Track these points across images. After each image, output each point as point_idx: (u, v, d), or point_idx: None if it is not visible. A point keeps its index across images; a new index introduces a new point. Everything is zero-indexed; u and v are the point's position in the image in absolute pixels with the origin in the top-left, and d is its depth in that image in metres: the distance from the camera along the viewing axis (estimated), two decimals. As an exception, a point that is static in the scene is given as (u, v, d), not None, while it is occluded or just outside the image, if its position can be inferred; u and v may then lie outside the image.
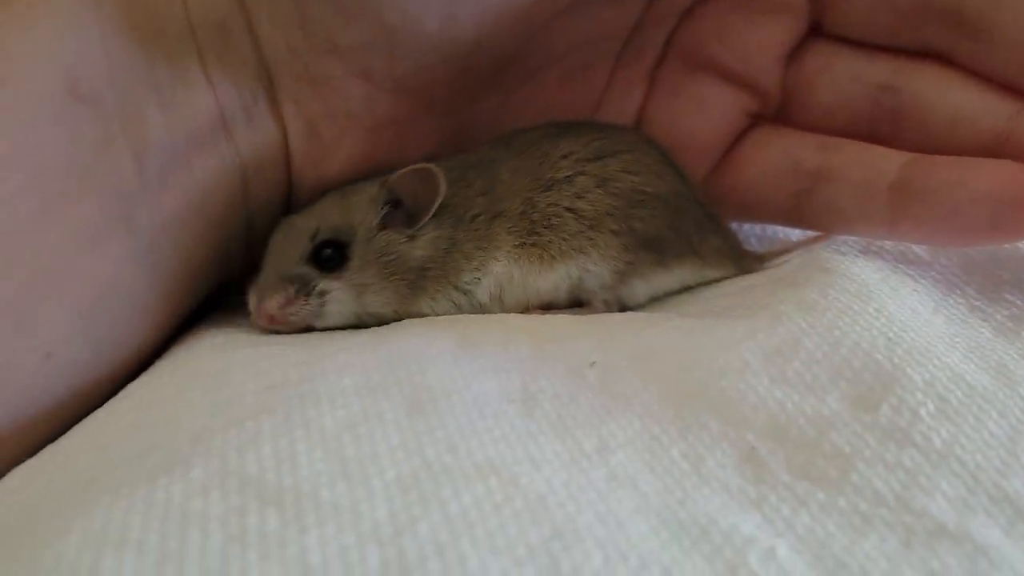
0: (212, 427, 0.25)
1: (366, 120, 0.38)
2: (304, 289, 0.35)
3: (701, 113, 0.42)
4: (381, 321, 0.36)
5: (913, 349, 0.31)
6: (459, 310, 0.36)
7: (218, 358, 0.32)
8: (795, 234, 0.44)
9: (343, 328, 0.36)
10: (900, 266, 0.38)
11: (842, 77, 0.40)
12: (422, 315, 0.36)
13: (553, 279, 0.36)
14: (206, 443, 0.24)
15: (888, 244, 0.40)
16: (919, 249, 0.39)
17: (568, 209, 0.36)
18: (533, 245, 0.36)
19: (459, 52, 0.36)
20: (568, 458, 0.26)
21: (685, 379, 0.30)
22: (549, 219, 0.36)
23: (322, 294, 0.35)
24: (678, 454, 0.27)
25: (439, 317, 0.36)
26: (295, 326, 0.35)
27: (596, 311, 0.37)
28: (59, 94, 0.31)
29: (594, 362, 0.31)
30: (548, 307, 0.37)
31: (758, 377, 0.30)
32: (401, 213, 0.36)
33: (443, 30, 0.35)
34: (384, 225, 0.36)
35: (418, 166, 0.35)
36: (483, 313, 0.37)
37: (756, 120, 0.42)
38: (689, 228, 0.37)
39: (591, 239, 0.36)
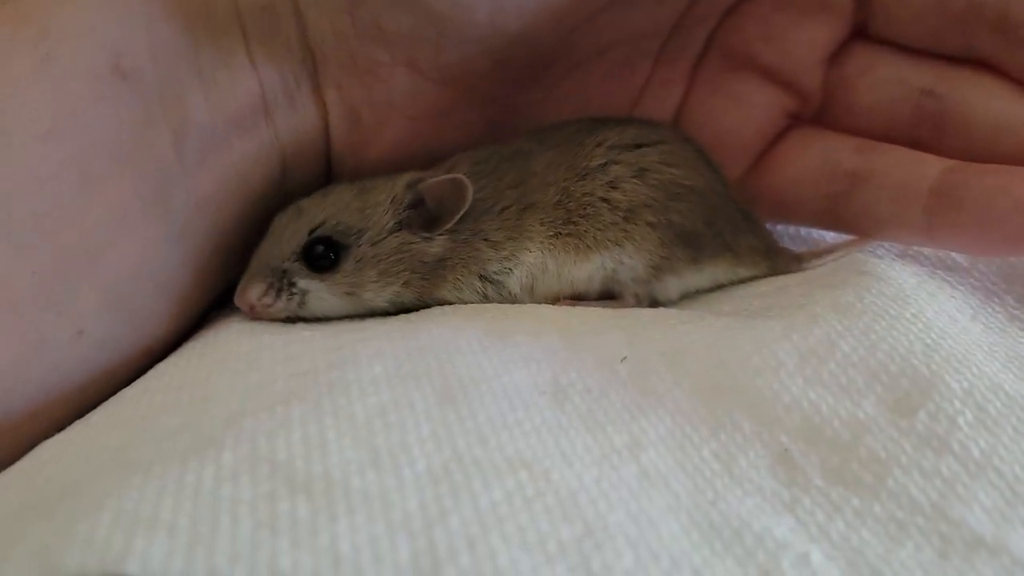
0: (243, 411, 0.25)
1: (409, 109, 0.38)
2: (284, 285, 0.34)
3: (741, 111, 0.41)
4: (401, 309, 0.36)
5: (951, 356, 0.30)
6: (486, 299, 0.36)
7: (247, 341, 0.31)
8: (830, 236, 0.43)
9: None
10: (938, 272, 0.37)
11: (884, 80, 0.39)
12: (446, 303, 0.36)
13: (588, 269, 0.36)
14: (236, 427, 0.24)
15: (926, 249, 0.39)
16: (957, 256, 0.39)
17: (602, 199, 0.35)
18: (568, 235, 0.36)
19: (504, 43, 0.36)
20: (599, 453, 0.25)
21: (718, 377, 0.30)
22: (584, 208, 0.35)
23: (303, 293, 0.34)
24: (709, 453, 0.27)
25: (467, 306, 0.36)
26: (274, 317, 0.35)
27: (627, 305, 0.37)
28: (103, 72, 0.31)
29: (625, 357, 0.31)
30: (578, 298, 0.37)
31: (793, 378, 0.29)
32: (420, 214, 0.35)
33: (490, 21, 0.35)
34: (399, 226, 0.35)
35: (453, 177, 0.35)
36: (512, 303, 0.36)
37: (795, 120, 0.42)
38: (724, 225, 0.37)
39: (626, 231, 0.35)
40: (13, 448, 0.28)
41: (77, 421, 0.29)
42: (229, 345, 0.32)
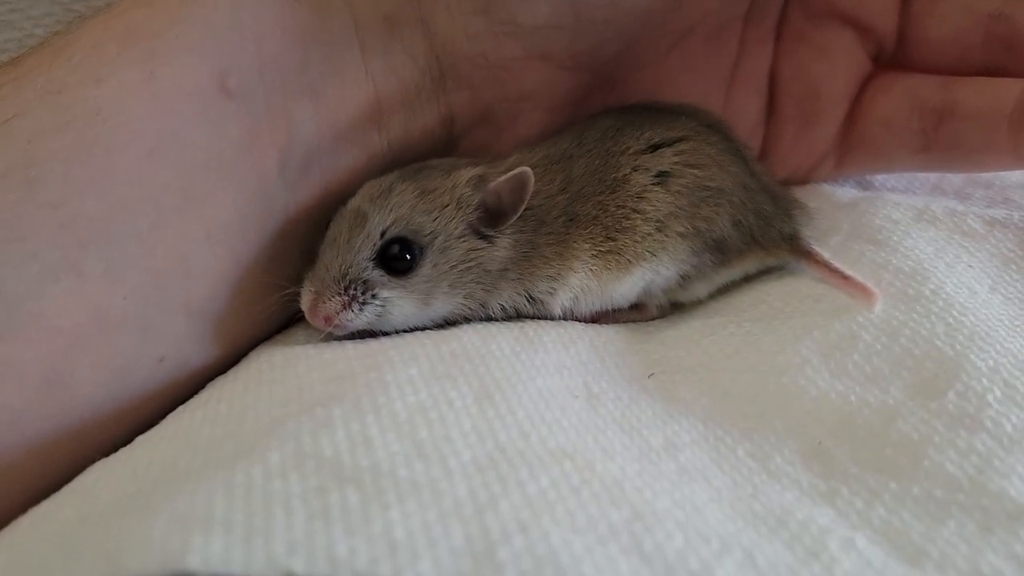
0: (284, 415, 0.25)
1: (544, 100, 0.39)
2: (366, 294, 0.32)
3: (827, 60, 0.42)
4: (441, 325, 0.34)
5: (975, 334, 0.31)
6: (520, 316, 0.35)
7: (279, 352, 0.31)
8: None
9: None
10: (954, 237, 0.38)
11: (952, 11, 0.40)
12: (489, 319, 0.35)
13: (629, 283, 0.35)
14: (279, 429, 0.24)
15: (941, 210, 0.40)
16: (973, 221, 0.39)
17: (634, 211, 0.35)
18: (609, 252, 0.35)
19: (630, 22, 0.37)
20: (638, 452, 0.26)
21: (745, 382, 0.30)
22: (620, 222, 0.35)
23: (385, 301, 0.32)
24: (744, 453, 0.27)
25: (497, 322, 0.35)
26: (349, 331, 0.33)
27: (649, 315, 0.37)
28: (208, 90, 0.31)
29: (652, 374, 0.31)
30: (602, 314, 0.37)
31: (819, 372, 0.30)
32: (482, 214, 0.34)
33: (620, 1, 0.36)
34: (467, 230, 0.34)
35: (519, 172, 0.33)
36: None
37: (877, 64, 0.43)
38: (752, 220, 0.36)
39: (660, 242, 0.35)
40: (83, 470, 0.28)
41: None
42: (261, 356, 0.32)
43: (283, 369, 0.29)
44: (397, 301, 0.33)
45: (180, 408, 0.30)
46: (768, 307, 0.35)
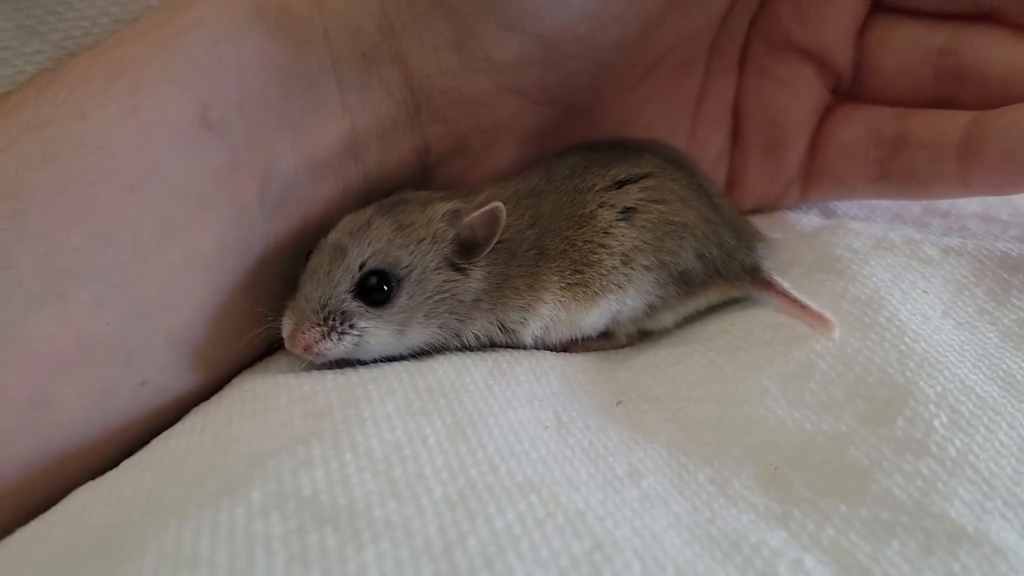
0: (265, 451, 0.26)
1: (515, 132, 0.40)
2: (344, 324, 0.33)
3: (788, 92, 0.44)
4: (416, 354, 0.36)
5: (925, 361, 0.32)
6: (494, 345, 0.37)
7: (260, 381, 0.33)
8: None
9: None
10: (912, 263, 0.39)
11: (904, 46, 0.42)
12: (462, 349, 0.36)
13: (596, 314, 0.37)
14: (262, 466, 0.25)
15: (899, 239, 0.41)
16: (929, 248, 0.41)
17: (600, 245, 0.36)
18: (576, 284, 0.36)
19: (599, 57, 0.39)
20: (602, 480, 0.27)
21: (708, 410, 0.32)
22: (587, 256, 0.36)
23: (362, 331, 0.34)
24: (704, 478, 0.28)
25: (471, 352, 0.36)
26: (327, 359, 0.34)
27: (618, 343, 0.38)
28: (190, 124, 0.32)
29: (620, 402, 0.33)
30: (572, 343, 0.38)
31: (777, 401, 0.31)
32: (457, 247, 0.35)
33: (590, 34, 0.37)
34: (442, 263, 0.35)
35: (492, 207, 0.34)
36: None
37: (835, 96, 0.45)
38: (715, 254, 0.38)
39: (626, 275, 0.36)
40: (68, 492, 0.29)
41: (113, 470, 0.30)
42: (244, 385, 0.33)
43: (265, 399, 0.31)
44: (374, 331, 0.34)
45: (165, 434, 0.31)
46: (732, 336, 0.36)
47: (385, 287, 0.34)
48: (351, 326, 0.34)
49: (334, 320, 0.34)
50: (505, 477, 0.26)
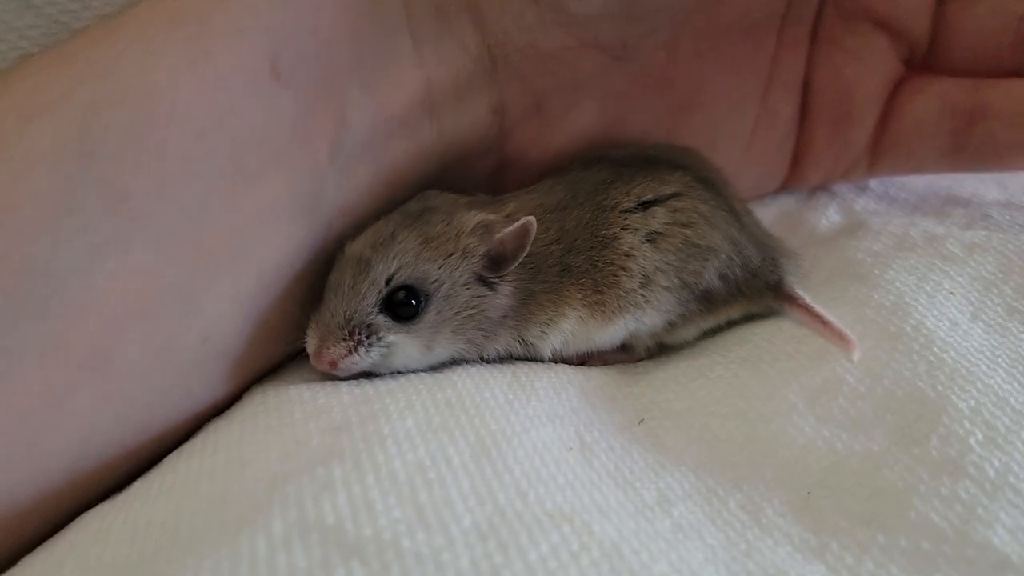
0: (284, 473, 0.25)
1: (595, 90, 0.39)
2: (371, 339, 0.32)
3: (861, 63, 0.43)
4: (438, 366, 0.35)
5: (956, 372, 0.31)
6: (511, 358, 0.36)
7: (272, 392, 0.31)
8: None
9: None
10: (935, 262, 0.38)
11: (984, 14, 0.41)
12: (482, 359, 0.35)
13: (611, 331, 0.36)
14: (281, 491, 0.24)
15: (920, 236, 0.40)
16: (952, 245, 0.40)
17: (621, 268, 0.35)
18: (596, 303, 0.35)
19: (681, 11, 0.38)
20: (632, 508, 0.26)
21: (733, 428, 0.31)
22: (608, 277, 0.35)
23: (389, 345, 0.33)
24: (736, 505, 0.27)
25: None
26: (352, 373, 0.33)
27: (637, 357, 0.38)
28: (260, 71, 0.31)
29: (642, 420, 0.32)
30: (589, 355, 0.37)
31: (805, 418, 0.30)
32: (486, 261, 0.34)
33: None
34: (471, 278, 0.34)
35: (524, 222, 0.33)
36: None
37: (909, 67, 0.44)
38: (738, 274, 0.37)
39: (644, 296, 0.36)
40: (139, 458, 0.29)
41: (124, 491, 0.29)
42: (256, 398, 0.31)
43: (278, 414, 0.29)
44: (401, 345, 0.33)
45: (174, 454, 0.30)
46: (753, 347, 0.35)
47: (414, 302, 0.33)
48: (379, 339, 0.33)
49: (360, 334, 0.32)
50: (534, 504, 0.25)
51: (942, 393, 0.30)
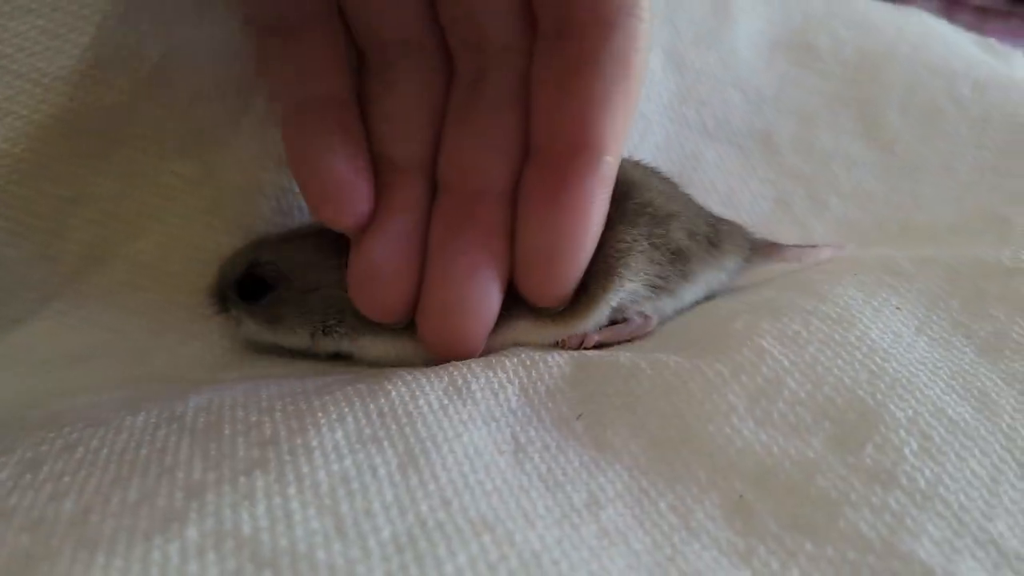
0: (204, 482, 0.25)
1: None
2: (224, 310, 0.39)
3: None
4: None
5: (896, 382, 0.31)
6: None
7: (203, 405, 0.31)
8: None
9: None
10: (885, 278, 0.38)
11: None
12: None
13: (595, 318, 0.37)
14: (199, 499, 0.24)
15: (873, 254, 0.40)
16: (903, 260, 0.40)
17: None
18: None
19: None
20: (560, 513, 0.26)
21: (671, 427, 0.30)
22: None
23: (237, 320, 0.39)
24: (666, 507, 0.27)
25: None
26: None
27: (633, 325, 0.39)
28: None
29: (581, 414, 0.31)
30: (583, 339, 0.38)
31: (744, 421, 0.30)
32: None
33: None
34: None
35: None
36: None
37: None
38: (702, 227, 0.39)
39: (620, 271, 0.37)
40: None
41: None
42: (188, 395, 0.31)
43: (205, 432, 0.29)
44: (245, 323, 0.40)
45: (97, 442, 0.28)
46: (696, 344, 0.35)
47: (259, 287, 0.39)
48: (228, 312, 0.40)
49: (219, 303, 0.40)
50: (457, 514, 0.24)
51: (881, 402, 0.30)
